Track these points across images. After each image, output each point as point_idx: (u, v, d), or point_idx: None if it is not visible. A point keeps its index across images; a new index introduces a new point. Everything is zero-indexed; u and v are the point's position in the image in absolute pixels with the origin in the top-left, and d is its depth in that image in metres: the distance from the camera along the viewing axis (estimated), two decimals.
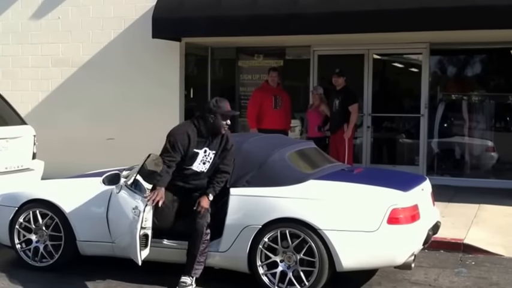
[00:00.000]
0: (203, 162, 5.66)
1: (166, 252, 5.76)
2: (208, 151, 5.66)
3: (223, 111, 5.63)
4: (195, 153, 5.61)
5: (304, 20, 9.08)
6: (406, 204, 5.32)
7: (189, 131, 5.61)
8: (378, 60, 10.90)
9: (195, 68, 11.62)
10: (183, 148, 5.56)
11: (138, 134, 10.38)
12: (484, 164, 10.76)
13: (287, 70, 11.25)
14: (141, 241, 5.43)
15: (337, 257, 5.26)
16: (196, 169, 5.66)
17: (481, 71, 11.17)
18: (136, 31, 10.34)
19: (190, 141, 5.57)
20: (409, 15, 8.61)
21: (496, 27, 8.37)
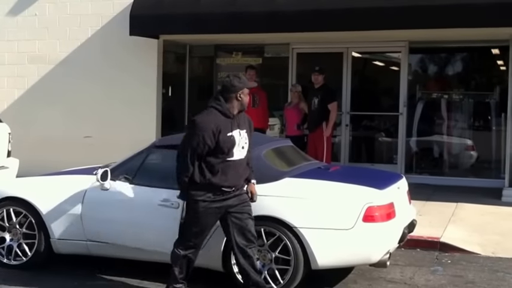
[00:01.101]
0: (241, 147, 5.09)
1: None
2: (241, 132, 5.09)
3: (248, 85, 5.17)
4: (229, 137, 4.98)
5: (283, 18, 9.04)
6: (381, 202, 5.31)
7: (215, 118, 4.98)
8: (357, 59, 10.90)
9: (173, 66, 11.53)
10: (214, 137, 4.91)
11: (115, 131, 10.29)
12: (463, 162, 10.81)
13: (266, 68, 11.21)
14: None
15: (312, 255, 5.25)
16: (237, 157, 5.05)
17: (460, 69, 11.23)
18: (114, 28, 10.24)
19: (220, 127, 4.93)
20: (388, 14, 8.60)
21: (475, 26, 8.38)
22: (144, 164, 5.91)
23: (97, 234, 5.87)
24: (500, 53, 10.15)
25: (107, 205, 5.83)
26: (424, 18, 8.47)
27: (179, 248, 5.12)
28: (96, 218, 5.86)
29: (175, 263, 5.15)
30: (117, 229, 5.75)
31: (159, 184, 5.71)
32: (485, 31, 8.64)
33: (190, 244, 5.11)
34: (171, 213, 5.46)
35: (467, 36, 9.50)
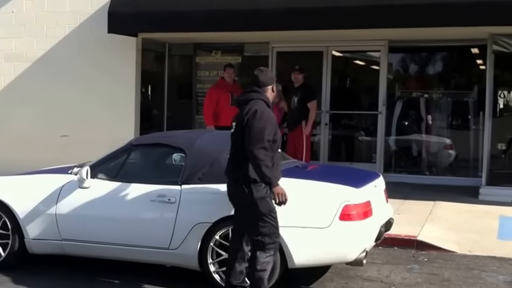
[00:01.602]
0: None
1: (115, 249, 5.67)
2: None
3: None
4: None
5: (263, 16, 9.01)
6: (358, 201, 5.31)
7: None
8: (337, 58, 10.90)
9: (152, 64, 11.44)
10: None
11: (93, 130, 10.19)
12: (441, 161, 10.84)
13: (245, 67, 11.16)
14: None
15: (289, 253, 5.24)
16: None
17: (439, 68, 11.25)
18: (92, 26, 10.14)
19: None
20: (367, 12, 8.60)
21: (453, 25, 8.41)
22: (124, 162, 5.92)
23: (75, 234, 5.80)
24: (479, 53, 10.20)
25: (87, 203, 5.77)
26: (403, 17, 8.50)
27: (268, 250, 4.84)
28: (74, 217, 5.79)
29: (265, 270, 4.87)
30: (102, 227, 5.70)
31: (148, 180, 5.71)
32: (463, 30, 8.67)
33: (276, 236, 4.88)
34: (165, 209, 5.47)
35: (446, 36, 9.52)
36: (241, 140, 4.79)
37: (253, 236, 4.85)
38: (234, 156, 4.89)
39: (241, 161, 4.80)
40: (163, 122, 11.33)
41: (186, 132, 6.37)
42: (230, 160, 4.93)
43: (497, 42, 8.90)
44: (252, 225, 4.84)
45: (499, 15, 8.02)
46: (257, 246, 4.85)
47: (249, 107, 4.84)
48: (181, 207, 5.49)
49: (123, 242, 5.64)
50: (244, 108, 4.87)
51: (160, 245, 5.53)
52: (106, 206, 5.72)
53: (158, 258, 5.62)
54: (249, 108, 4.83)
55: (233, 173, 4.88)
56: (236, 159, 4.85)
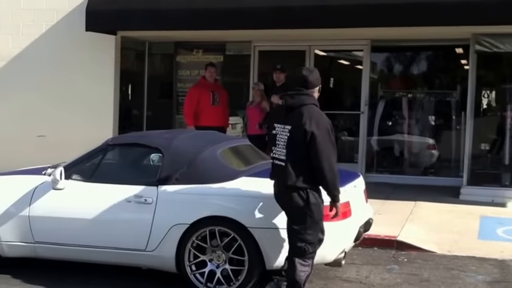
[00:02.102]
0: None
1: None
2: None
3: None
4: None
5: (245, 14, 8.92)
6: None
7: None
8: (320, 57, 10.81)
9: (132, 63, 11.29)
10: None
11: (70, 130, 10.02)
12: (423, 161, 10.82)
13: (227, 66, 11.08)
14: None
15: (266, 255, 5.17)
16: None
17: (422, 68, 11.23)
18: (70, 24, 9.97)
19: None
20: (349, 11, 8.55)
21: (435, 24, 8.38)
22: (100, 162, 5.81)
23: (48, 236, 5.68)
24: (462, 52, 10.19)
25: (61, 205, 5.66)
26: (384, 16, 8.45)
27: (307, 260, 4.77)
28: (47, 219, 5.66)
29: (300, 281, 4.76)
30: (77, 229, 5.59)
31: (124, 181, 5.61)
32: (446, 30, 8.65)
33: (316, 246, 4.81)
34: (142, 210, 5.39)
35: (429, 35, 9.49)
36: (301, 148, 4.64)
37: (297, 242, 4.74)
38: (289, 162, 4.68)
39: (299, 168, 4.67)
40: (142, 121, 11.20)
41: (163, 132, 6.27)
42: (284, 165, 4.71)
43: (479, 42, 8.89)
44: (300, 231, 4.74)
45: (481, 15, 8.01)
46: (298, 253, 4.75)
47: (307, 115, 4.65)
48: (158, 208, 5.40)
49: (99, 244, 5.54)
50: (296, 113, 4.69)
51: (136, 246, 5.43)
52: (81, 207, 5.61)
53: (134, 260, 5.52)
54: (307, 117, 4.64)
55: (288, 178, 4.69)
56: (294, 166, 4.67)
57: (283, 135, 4.75)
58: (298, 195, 4.69)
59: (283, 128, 4.76)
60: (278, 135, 4.78)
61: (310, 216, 4.71)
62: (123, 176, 5.76)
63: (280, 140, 4.76)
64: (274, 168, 4.85)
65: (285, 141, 4.73)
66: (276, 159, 4.80)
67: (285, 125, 4.74)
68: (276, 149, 4.80)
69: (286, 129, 4.73)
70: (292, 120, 4.69)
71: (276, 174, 4.82)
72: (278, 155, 4.78)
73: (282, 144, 4.75)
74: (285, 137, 4.73)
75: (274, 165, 4.86)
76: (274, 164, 4.84)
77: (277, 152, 4.80)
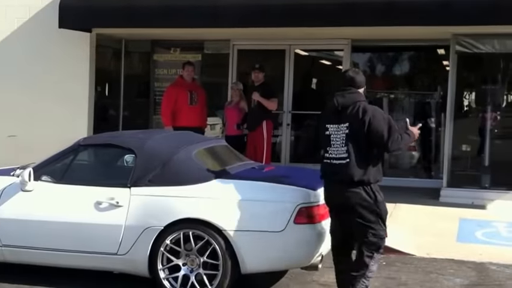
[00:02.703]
0: None
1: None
2: None
3: None
4: None
5: (222, 12, 8.75)
6: (314, 203, 5.13)
7: None
8: (300, 57, 10.68)
9: (108, 62, 11.06)
10: None
11: (43, 130, 9.76)
12: (404, 162, 10.73)
13: (206, 65, 10.92)
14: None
15: (242, 259, 5.06)
16: None
17: (403, 69, 11.14)
18: (43, 20, 9.69)
19: None
20: (328, 10, 8.43)
21: (414, 24, 8.26)
22: (71, 163, 5.64)
23: (16, 240, 5.48)
24: (444, 53, 10.14)
25: (30, 207, 5.48)
26: (363, 15, 8.33)
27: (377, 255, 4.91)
28: (15, 222, 5.48)
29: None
30: (46, 232, 5.41)
31: (96, 182, 5.46)
32: (426, 30, 8.55)
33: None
34: (114, 212, 5.25)
35: (409, 35, 9.42)
36: (363, 143, 4.70)
37: (370, 238, 4.78)
38: (353, 159, 4.70)
39: (362, 164, 4.70)
40: (119, 121, 10.98)
41: (137, 132, 6.12)
42: (347, 162, 4.72)
43: (460, 43, 8.83)
44: (372, 227, 4.79)
45: (460, 15, 7.94)
46: (374, 248, 4.82)
47: (363, 110, 4.73)
48: (131, 211, 5.25)
49: (69, 248, 5.37)
50: (352, 110, 4.75)
51: (108, 250, 5.28)
52: (50, 209, 5.44)
53: (106, 264, 5.37)
54: (364, 111, 4.72)
55: (354, 174, 4.69)
56: (358, 162, 4.70)
57: (339, 134, 4.78)
58: (365, 191, 4.75)
59: (338, 127, 4.79)
60: (333, 135, 4.81)
61: (379, 212, 4.85)
62: (95, 178, 5.62)
63: (337, 139, 4.80)
64: (333, 168, 4.82)
65: (342, 140, 4.76)
66: (334, 158, 4.81)
67: (340, 124, 4.78)
68: (331, 149, 4.82)
69: (343, 127, 4.76)
70: (348, 117, 4.75)
71: (336, 173, 4.79)
72: (336, 154, 4.80)
73: (340, 143, 4.78)
74: (343, 135, 4.77)
75: (331, 165, 4.84)
76: (332, 163, 4.83)
77: (333, 152, 4.82)
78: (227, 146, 6.35)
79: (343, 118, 4.77)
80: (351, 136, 4.72)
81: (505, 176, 8.98)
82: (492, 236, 7.31)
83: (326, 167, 4.88)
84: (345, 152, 4.73)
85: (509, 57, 9.21)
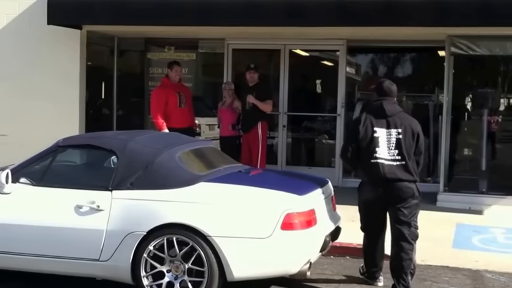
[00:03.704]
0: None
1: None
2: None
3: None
4: None
5: (216, 10, 8.56)
6: (301, 209, 4.98)
7: None
8: (295, 56, 10.50)
9: (100, 60, 10.87)
10: None
11: (33, 130, 9.53)
12: None
13: (200, 64, 10.74)
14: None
15: (227, 266, 4.89)
16: None
17: (400, 70, 11.00)
18: (33, 16, 9.47)
19: None
20: (321, 10, 8.25)
21: (410, 25, 8.10)
22: (50, 165, 5.46)
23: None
24: (441, 55, 9.94)
25: (8, 211, 5.30)
26: (358, 15, 8.16)
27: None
28: None
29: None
30: (25, 237, 5.23)
31: (76, 185, 5.29)
32: (421, 30, 8.38)
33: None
34: (95, 216, 5.08)
35: (404, 36, 9.24)
36: (412, 147, 5.33)
37: (412, 229, 5.42)
38: (407, 160, 5.27)
39: (413, 165, 5.32)
40: (113, 121, 10.79)
41: (118, 133, 5.95)
42: (399, 163, 5.25)
43: (455, 44, 8.67)
44: (414, 219, 5.45)
45: (455, 16, 7.78)
46: (415, 238, 5.47)
47: (410, 120, 5.48)
48: (112, 215, 5.08)
49: (49, 253, 5.18)
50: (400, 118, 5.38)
51: (89, 256, 5.11)
52: (28, 213, 5.26)
53: (88, 270, 5.19)
54: (411, 121, 5.47)
55: (411, 174, 5.29)
56: (410, 164, 5.28)
57: (390, 137, 5.28)
58: (416, 187, 5.34)
59: (389, 131, 5.29)
60: (380, 138, 5.26)
61: (419, 203, 5.48)
62: (75, 180, 5.43)
63: (385, 142, 5.27)
64: (383, 169, 5.24)
65: (393, 143, 5.27)
66: (384, 159, 5.25)
67: (391, 128, 5.29)
68: (380, 150, 5.26)
69: (394, 132, 5.28)
70: (398, 124, 5.32)
71: (388, 173, 5.22)
72: (386, 155, 5.26)
73: (389, 145, 5.28)
74: (394, 139, 5.27)
75: (381, 166, 5.25)
76: (383, 164, 5.25)
77: (382, 153, 5.26)
78: (214, 148, 6.21)
79: (392, 124, 5.34)
80: (403, 140, 5.31)
81: (503, 181, 8.85)
82: (489, 242, 7.15)
83: (374, 166, 5.30)
84: (398, 154, 5.29)
85: (506, 59, 9.06)
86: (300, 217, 4.93)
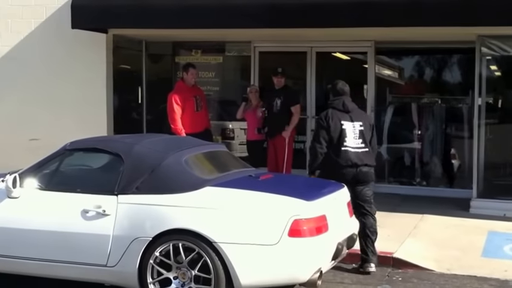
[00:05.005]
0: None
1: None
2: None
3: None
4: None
5: (241, 12, 8.41)
6: (310, 215, 4.78)
7: None
8: (322, 59, 10.26)
9: (128, 64, 10.82)
10: None
11: (64, 134, 9.37)
12: (436, 171, 10.16)
13: (227, 67, 10.61)
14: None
15: (234, 273, 4.74)
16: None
17: (432, 72, 10.64)
18: (59, 21, 9.46)
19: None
20: (349, 10, 8.04)
21: (438, 25, 7.82)
22: (58, 169, 5.43)
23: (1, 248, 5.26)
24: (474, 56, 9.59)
25: (16, 215, 5.25)
26: (386, 15, 7.90)
27: None
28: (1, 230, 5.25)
29: None
30: (33, 241, 5.18)
31: (82, 189, 5.23)
32: (450, 31, 8.08)
33: None
34: (101, 221, 5.00)
35: (434, 37, 8.89)
36: (369, 137, 6.29)
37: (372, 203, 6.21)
38: (369, 148, 6.25)
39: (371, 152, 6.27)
40: (142, 125, 10.76)
41: (126, 136, 5.85)
42: (363, 150, 6.15)
43: (486, 45, 8.36)
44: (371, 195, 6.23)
45: (485, 15, 7.46)
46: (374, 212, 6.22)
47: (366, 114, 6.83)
48: (118, 220, 4.99)
49: (57, 258, 5.12)
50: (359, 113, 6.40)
51: (97, 261, 5.03)
52: (36, 218, 5.20)
53: (96, 276, 5.11)
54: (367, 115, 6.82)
55: (373, 160, 6.29)
56: (370, 150, 6.24)
57: (355, 129, 6.17)
58: (372, 171, 6.25)
59: (353, 124, 6.18)
60: (347, 130, 6.12)
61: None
62: (81, 184, 5.34)
63: (351, 133, 6.14)
64: (351, 156, 6.07)
65: (357, 134, 6.17)
66: (351, 147, 6.10)
67: (354, 121, 6.20)
68: (348, 139, 6.10)
69: (358, 125, 6.19)
70: (359, 118, 6.28)
71: (355, 159, 6.07)
72: (352, 143, 6.12)
73: (354, 136, 6.15)
74: (357, 130, 6.17)
75: (349, 153, 6.07)
76: (351, 152, 6.08)
77: (349, 142, 6.11)
78: (226, 152, 6.06)
79: (354, 117, 6.23)
80: (364, 131, 6.22)
81: None
82: None
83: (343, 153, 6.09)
84: (361, 143, 6.17)
85: None
86: (309, 223, 4.74)
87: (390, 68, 10.85)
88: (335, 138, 6.05)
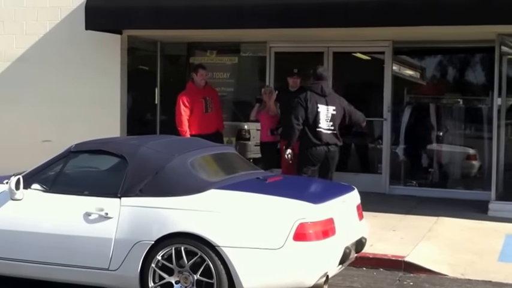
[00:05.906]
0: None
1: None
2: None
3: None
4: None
5: (258, 12, 8.33)
6: (316, 218, 4.67)
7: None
8: (338, 59, 10.12)
9: (142, 65, 10.80)
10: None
11: (77, 135, 9.43)
12: (453, 173, 10.01)
13: (242, 67, 10.53)
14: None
15: (237, 278, 4.65)
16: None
17: (451, 72, 10.50)
18: (73, 22, 9.46)
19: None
20: (365, 10, 7.90)
21: (456, 24, 7.66)
22: (62, 171, 5.37)
23: (3, 251, 5.24)
24: None
25: (19, 217, 5.23)
26: (404, 15, 7.77)
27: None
28: (3, 232, 5.24)
29: None
30: (35, 244, 5.16)
31: (86, 191, 5.19)
32: (469, 30, 7.92)
33: None
34: (103, 224, 4.95)
35: (453, 36, 8.78)
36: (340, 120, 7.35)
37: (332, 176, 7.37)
38: (336, 130, 7.31)
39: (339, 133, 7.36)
40: (156, 126, 10.72)
41: (132, 138, 5.81)
42: (332, 132, 7.31)
43: (505, 43, 8.19)
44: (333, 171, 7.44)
45: (505, 14, 7.27)
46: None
47: (339, 98, 7.60)
48: (121, 223, 4.94)
49: (59, 261, 5.08)
50: (333, 97, 7.47)
51: (99, 265, 4.98)
52: (39, 220, 5.17)
53: (98, 280, 5.06)
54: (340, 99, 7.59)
55: (340, 140, 7.41)
56: (338, 132, 7.33)
57: (328, 113, 7.26)
58: (339, 150, 7.40)
59: (327, 108, 7.25)
60: (321, 113, 7.20)
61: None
62: (85, 186, 5.30)
63: (324, 116, 7.23)
64: (323, 136, 7.24)
65: (328, 117, 7.25)
66: (324, 129, 7.23)
67: (328, 105, 7.25)
68: (321, 121, 7.21)
69: (331, 109, 7.26)
70: (333, 102, 7.33)
71: (326, 139, 7.25)
72: (325, 126, 7.25)
73: (327, 119, 7.26)
74: (330, 114, 7.24)
75: (322, 133, 7.24)
76: (323, 132, 7.24)
77: (323, 124, 7.23)
78: (235, 154, 5.97)
79: (329, 102, 7.31)
80: (336, 115, 7.34)
81: None
82: None
83: (317, 134, 7.27)
84: (332, 125, 7.30)
85: None
86: (315, 227, 4.64)
87: (408, 67, 10.67)
88: (311, 119, 7.15)
